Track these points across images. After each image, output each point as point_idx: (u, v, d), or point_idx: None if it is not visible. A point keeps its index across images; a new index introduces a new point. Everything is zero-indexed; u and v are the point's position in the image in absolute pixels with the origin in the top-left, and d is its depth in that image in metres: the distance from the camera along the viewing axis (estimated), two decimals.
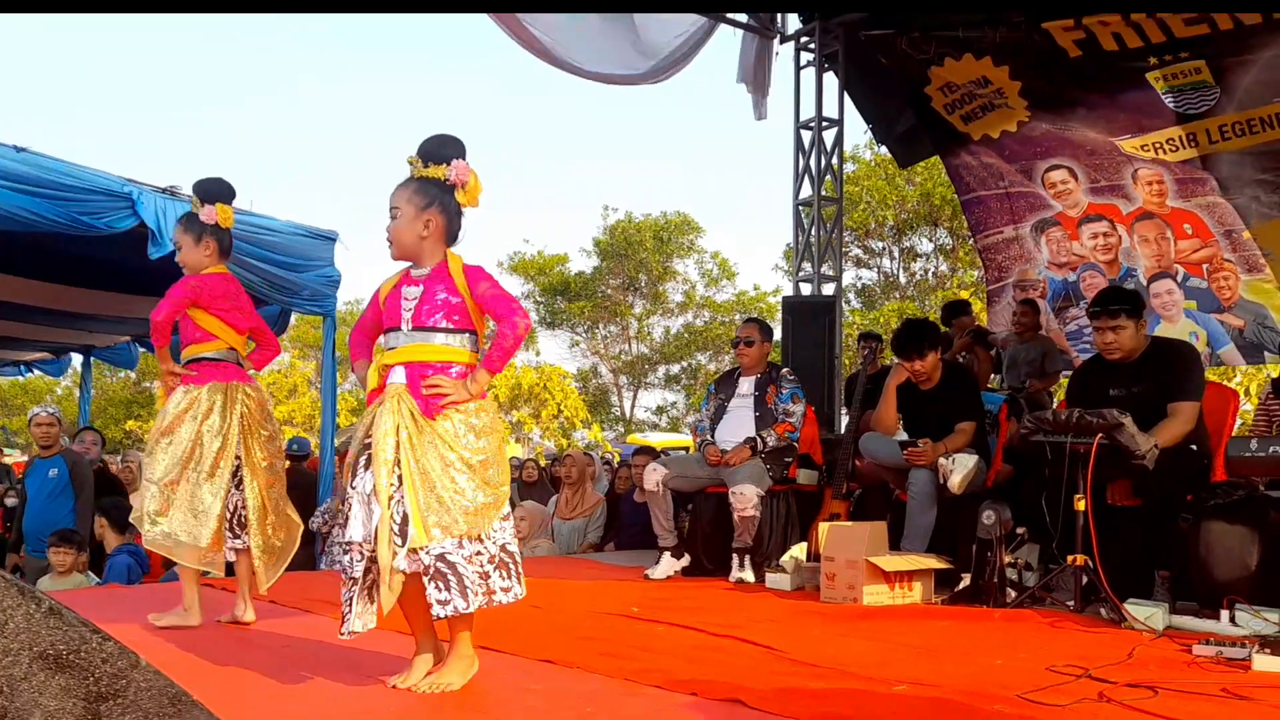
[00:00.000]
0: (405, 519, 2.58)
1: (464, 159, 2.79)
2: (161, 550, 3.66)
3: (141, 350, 10.40)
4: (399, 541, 2.57)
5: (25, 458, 16.31)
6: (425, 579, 2.58)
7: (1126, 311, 4.29)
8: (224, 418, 3.62)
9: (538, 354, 30.98)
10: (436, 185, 2.77)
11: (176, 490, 3.55)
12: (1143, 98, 7.46)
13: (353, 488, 2.67)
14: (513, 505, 7.00)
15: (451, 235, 2.82)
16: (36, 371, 11.85)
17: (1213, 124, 7.30)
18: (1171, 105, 7.36)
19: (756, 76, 8.64)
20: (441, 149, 2.79)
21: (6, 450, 17.73)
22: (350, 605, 2.64)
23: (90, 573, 5.78)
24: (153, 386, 31.15)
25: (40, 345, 10.02)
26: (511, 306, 2.78)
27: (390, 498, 2.58)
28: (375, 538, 2.57)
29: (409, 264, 2.82)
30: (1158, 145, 7.66)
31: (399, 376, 2.71)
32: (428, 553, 2.57)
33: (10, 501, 8.45)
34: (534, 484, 9.49)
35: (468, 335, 2.76)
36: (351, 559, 2.64)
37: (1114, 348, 4.31)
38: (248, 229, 6.00)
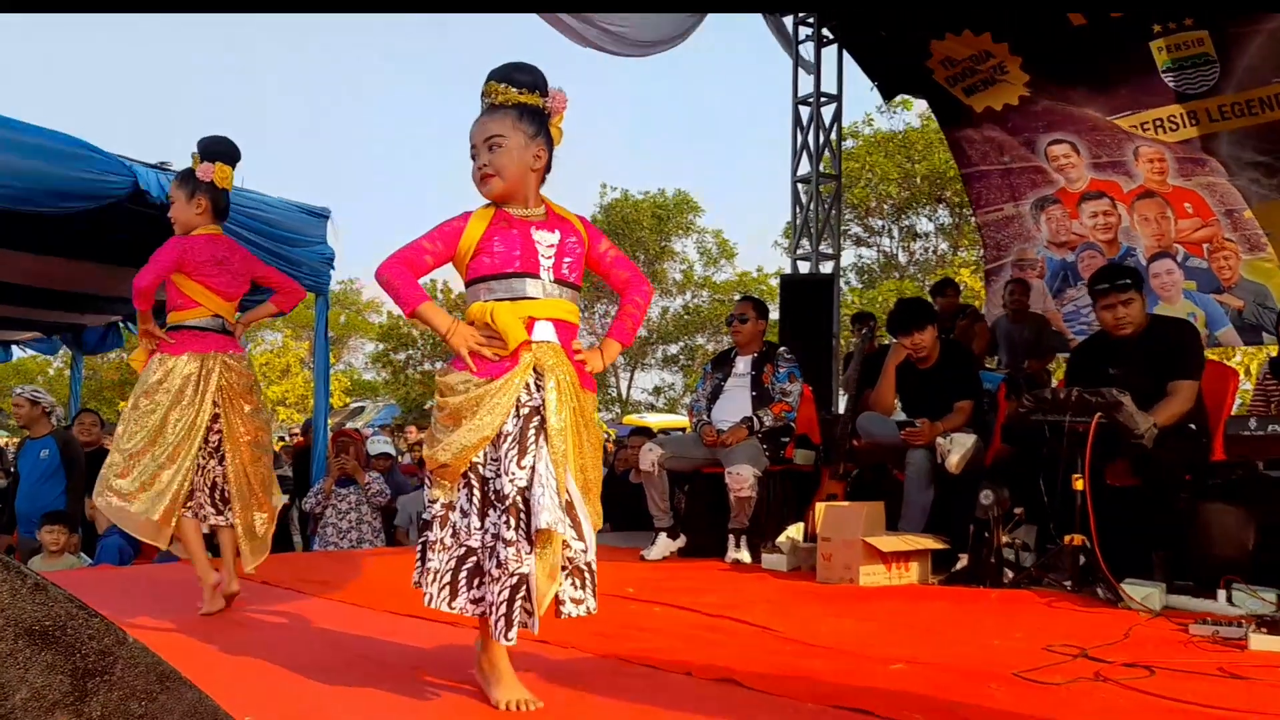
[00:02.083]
0: (570, 505, 2.26)
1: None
2: (112, 516, 3.54)
3: (129, 332, 10.35)
4: (572, 532, 2.25)
5: (17, 440, 16.23)
6: (562, 574, 2.27)
7: (1134, 285, 4.29)
8: (197, 391, 3.47)
9: None
10: (537, 113, 2.39)
11: (140, 461, 3.42)
12: (1143, 75, 7.44)
13: (521, 466, 2.22)
14: None
15: (546, 174, 2.44)
16: (29, 351, 11.80)
17: (1212, 104, 7.29)
18: (1172, 84, 7.34)
19: (783, 44, 8.68)
20: (532, 75, 2.40)
21: None
22: (513, 606, 2.19)
23: (82, 554, 5.77)
24: None
25: (31, 325, 9.97)
26: (640, 273, 2.54)
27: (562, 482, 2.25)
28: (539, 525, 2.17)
29: (498, 204, 2.38)
30: (1158, 122, 7.64)
31: (549, 334, 2.33)
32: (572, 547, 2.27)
33: (0, 483, 8.44)
34: None
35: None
36: (519, 551, 2.19)
37: (1125, 322, 4.28)
38: (246, 204, 5.96)
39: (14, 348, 11.31)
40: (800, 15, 8.87)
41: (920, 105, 21.95)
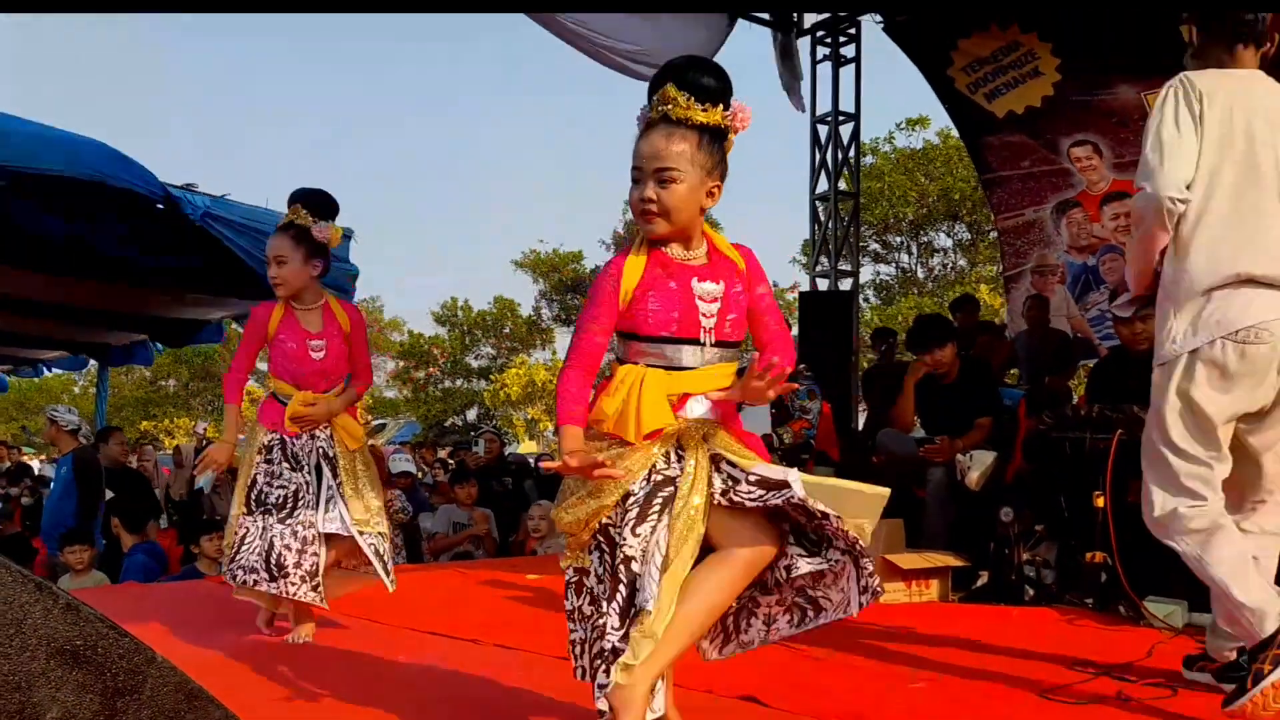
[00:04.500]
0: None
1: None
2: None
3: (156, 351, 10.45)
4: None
5: (45, 456, 16.42)
6: (780, 609, 2.12)
7: (1154, 299, 4.27)
8: None
9: (554, 354, 31.05)
10: (720, 135, 1.98)
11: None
12: (1179, 45, 7.39)
13: (635, 533, 1.96)
14: (526, 505, 7.01)
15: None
16: (56, 370, 11.96)
17: None
18: None
19: (786, 69, 8.66)
20: (720, 81, 1.97)
21: (25, 450, 17.90)
22: (598, 672, 1.99)
23: (99, 572, 5.78)
24: (169, 383, 31.36)
25: (57, 344, 10.09)
26: (789, 332, 2.20)
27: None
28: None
29: (655, 243, 2.02)
30: None
31: (702, 411, 2.05)
32: None
33: (27, 501, 8.58)
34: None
35: None
36: (609, 624, 1.98)
37: (1143, 337, 4.27)
38: (272, 223, 6.03)
39: (41, 367, 11.44)
40: (818, 35, 8.87)
41: (939, 123, 21.98)
